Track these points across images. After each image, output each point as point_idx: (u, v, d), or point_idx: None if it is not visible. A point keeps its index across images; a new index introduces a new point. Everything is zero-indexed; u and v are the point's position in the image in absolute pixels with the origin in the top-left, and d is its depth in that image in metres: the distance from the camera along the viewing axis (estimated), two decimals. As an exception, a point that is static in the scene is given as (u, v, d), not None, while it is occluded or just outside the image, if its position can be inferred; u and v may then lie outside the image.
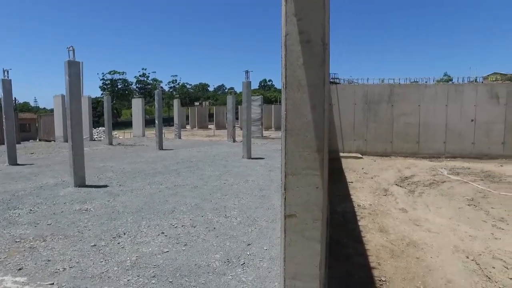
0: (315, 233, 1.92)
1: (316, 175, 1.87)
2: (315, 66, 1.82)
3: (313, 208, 1.90)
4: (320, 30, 1.82)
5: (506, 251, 4.13)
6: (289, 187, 1.92)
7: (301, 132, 1.86)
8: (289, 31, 1.86)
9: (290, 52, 1.86)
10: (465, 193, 7.01)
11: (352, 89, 12.92)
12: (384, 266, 3.75)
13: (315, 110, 1.83)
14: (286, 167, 1.91)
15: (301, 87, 1.85)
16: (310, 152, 1.86)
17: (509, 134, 12.20)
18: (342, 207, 5.90)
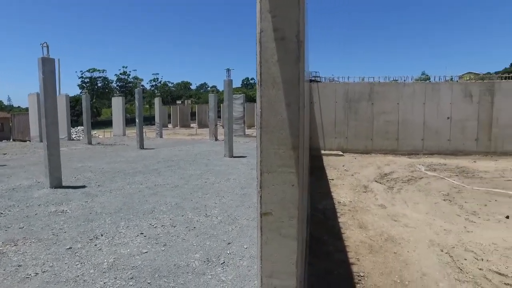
0: (291, 230, 1.92)
1: (291, 172, 1.86)
2: (290, 63, 1.81)
3: (289, 206, 1.90)
4: (295, 27, 1.81)
5: (477, 243, 4.28)
6: (265, 185, 1.91)
7: (276, 129, 1.86)
8: (263, 28, 1.85)
9: (265, 49, 1.85)
10: (441, 188, 7.21)
11: (333, 87, 13.07)
12: (363, 261, 3.81)
13: (290, 107, 1.82)
14: (262, 165, 1.90)
15: (276, 84, 1.84)
16: (285, 149, 1.85)
17: (481, 131, 12.64)
18: (323, 204, 5.96)
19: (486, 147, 12.63)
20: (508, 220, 5.18)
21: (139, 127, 15.18)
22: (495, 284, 3.32)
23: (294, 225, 1.92)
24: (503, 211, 5.57)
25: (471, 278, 3.44)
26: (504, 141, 12.57)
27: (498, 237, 4.47)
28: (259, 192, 1.94)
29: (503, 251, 4.07)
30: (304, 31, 2.00)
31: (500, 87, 12.55)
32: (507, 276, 3.49)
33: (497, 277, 3.46)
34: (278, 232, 1.94)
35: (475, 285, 3.31)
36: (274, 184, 1.90)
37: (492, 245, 4.22)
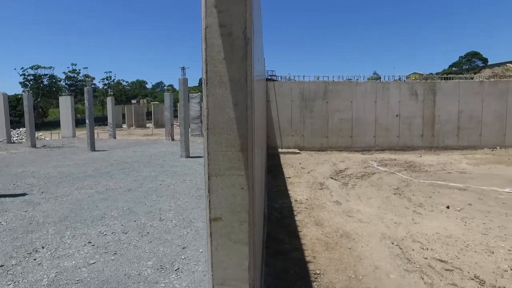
0: (242, 235, 1.85)
1: (241, 175, 1.79)
2: (237, 60, 1.74)
3: (239, 210, 1.82)
4: (242, 23, 1.74)
5: (423, 233, 4.52)
6: (213, 189, 1.82)
7: (223, 130, 1.77)
8: (209, 24, 1.75)
9: (211, 46, 1.75)
10: (391, 183, 7.56)
11: (289, 86, 13.24)
12: (319, 259, 3.85)
13: (238, 107, 1.75)
14: (209, 168, 1.80)
15: (223, 83, 1.76)
16: (234, 151, 1.77)
17: (426, 127, 13.50)
18: (280, 203, 5.98)
19: (430, 142, 13.51)
20: (449, 210, 5.54)
21: (89, 128, 14.34)
22: (437, 271, 3.51)
23: (245, 230, 1.85)
24: (445, 202, 5.95)
25: (417, 267, 3.60)
26: (445, 136, 13.54)
27: (441, 227, 4.75)
28: (208, 197, 1.84)
29: (444, 239, 4.33)
30: (252, 27, 1.93)
31: (441, 86, 13.49)
32: (447, 262, 3.71)
33: (440, 264, 3.66)
34: (228, 238, 1.86)
35: (421, 273, 3.48)
36: (223, 187, 1.82)
37: (435, 235, 4.48)
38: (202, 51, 1.80)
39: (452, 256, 3.88)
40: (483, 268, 3.59)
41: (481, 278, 3.37)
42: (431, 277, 3.40)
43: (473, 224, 4.90)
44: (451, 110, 13.48)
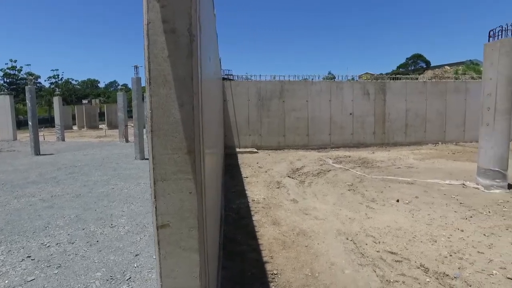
0: (192, 242, 1.76)
1: (188, 179, 1.70)
2: (181, 59, 1.65)
3: (187, 216, 1.74)
4: (187, 19, 1.65)
5: (376, 227, 4.70)
6: (160, 194, 1.72)
7: (169, 132, 1.67)
8: (151, 19, 1.64)
9: (154, 43, 1.64)
10: (346, 179, 7.82)
11: (246, 86, 13.24)
12: (276, 258, 3.85)
13: (184, 107, 1.66)
14: (155, 172, 1.70)
15: (167, 82, 1.66)
16: (180, 154, 1.68)
17: (377, 125, 14.19)
18: (237, 203, 5.93)
19: (381, 139, 14.22)
20: (398, 203, 5.83)
21: (33, 130, 13.29)
22: (388, 263, 3.66)
23: (194, 236, 1.76)
24: (395, 196, 6.26)
25: (370, 261, 3.73)
26: (394, 133, 14.33)
27: (391, 220, 4.98)
28: (154, 203, 1.73)
29: (394, 232, 4.54)
30: (199, 24, 1.85)
31: (390, 86, 14.24)
32: (397, 254, 3.89)
33: (390, 256, 3.83)
34: (177, 245, 1.76)
35: (374, 266, 3.60)
36: (169, 193, 1.72)
37: (386, 228, 4.68)
38: (145, 48, 1.69)
39: (401, 247, 4.07)
40: (427, 256, 3.80)
41: (425, 266, 3.57)
42: (383, 269, 3.53)
43: (419, 215, 5.19)
44: (400, 109, 14.29)
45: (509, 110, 6.64)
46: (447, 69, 35.43)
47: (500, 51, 6.56)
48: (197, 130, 1.72)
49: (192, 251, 1.76)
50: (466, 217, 5.09)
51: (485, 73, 6.93)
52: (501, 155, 6.67)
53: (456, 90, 14.68)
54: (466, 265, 3.59)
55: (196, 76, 1.71)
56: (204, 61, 2.37)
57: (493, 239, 4.24)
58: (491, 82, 6.71)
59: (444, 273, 3.42)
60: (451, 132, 14.72)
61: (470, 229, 4.60)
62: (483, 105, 6.93)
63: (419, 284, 3.25)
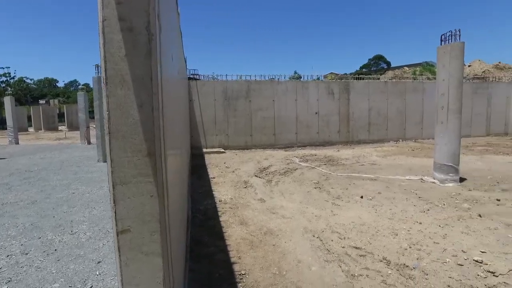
0: (154, 247, 1.71)
1: (149, 182, 1.65)
2: (139, 58, 1.59)
3: (149, 220, 1.69)
4: (144, 17, 1.60)
5: (341, 224, 4.83)
6: (119, 199, 1.65)
7: (128, 134, 1.62)
8: (107, 16, 1.57)
9: (110, 41, 1.58)
10: (312, 177, 7.97)
11: (212, 85, 13.14)
12: (244, 258, 3.85)
13: (143, 108, 1.61)
14: (114, 176, 1.63)
15: (125, 82, 1.60)
16: (140, 156, 1.63)
17: (342, 123, 14.61)
18: (204, 204, 5.86)
19: (346, 137, 14.66)
20: (362, 199, 6.03)
21: (-18, 133, 12.37)
22: (353, 258, 3.77)
23: (157, 241, 1.72)
24: (359, 192, 6.47)
25: (336, 257, 3.83)
26: (358, 131, 14.82)
27: (356, 216, 5.14)
28: (113, 208, 1.66)
29: (359, 227, 4.69)
30: (158, 23, 1.80)
31: (353, 86, 14.71)
32: (361, 248, 4.02)
33: (355, 251, 3.95)
34: (139, 250, 1.71)
35: (339, 262, 3.70)
36: (130, 196, 1.66)
37: (351, 224, 4.83)
38: (100, 47, 1.62)
39: (365, 242, 4.20)
40: (389, 249, 3.96)
41: (388, 259, 3.71)
42: (348, 264, 3.63)
43: (382, 210, 5.39)
44: (363, 108, 14.80)
45: (460, 109, 7.08)
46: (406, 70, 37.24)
47: (450, 54, 6.98)
48: (157, 131, 1.68)
49: (154, 255, 1.71)
50: (424, 210, 5.36)
51: (438, 75, 7.34)
52: (453, 151, 7.10)
53: (414, 90, 15.45)
54: (423, 256, 3.78)
55: (155, 76, 1.66)
56: (165, 60, 2.31)
57: (447, 230, 4.50)
58: (444, 83, 7.12)
59: (404, 265, 3.59)
60: (410, 130, 15.47)
61: (427, 221, 4.85)
62: (437, 105, 7.33)
63: (382, 276, 3.37)
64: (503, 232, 4.41)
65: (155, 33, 1.65)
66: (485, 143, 14.11)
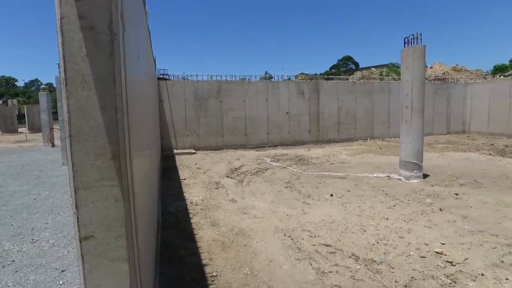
0: (120, 252, 1.66)
1: (114, 185, 1.60)
2: (102, 58, 1.54)
3: (114, 225, 1.63)
4: (106, 16, 1.55)
5: (311, 222, 4.92)
6: (82, 204, 1.59)
7: (90, 137, 1.56)
8: (65, 14, 1.51)
9: (69, 40, 1.51)
10: (283, 177, 8.06)
11: (183, 86, 12.95)
12: (216, 260, 3.82)
13: (106, 110, 1.56)
14: (76, 180, 1.57)
15: (87, 83, 1.54)
16: (104, 160, 1.58)
17: (312, 123, 14.88)
18: (175, 206, 5.76)
19: (316, 136, 14.94)
20: (332, 198, 6.17)
21: None
22: (323, 255, 3.85)
23: (123, 246, 1.66)
24: (329, 191, 6.61)
25: (307, 255, 3.89)
26: (328, 131, 15.16)
27: (326, 214, 5.25)
28: (76, 214, 1.60)
29: (328, 225, 4.79)
30: (122, 22, 1.75)
31: (323, 86, 15.03)
32: (331, 246, 4.11)
33: (325, 249, 4.03)
34: (104, 257, 1.65)
35: (310, 260, 3.76)
36: (93, 201, 1.60)
37: (321, 222, 4.92)
38: (59, 45, 1.54)
39: (335, 239, 4.30)
40: (358, 245, 4.08)
41: (356, 255, 3.82)
42: (318, 262, 3.70)
43: (351, 208, 5.54)
44: (332, 107, 15.15)
45: (423, 109, 7.43)
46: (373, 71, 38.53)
47: (413, 57, 7.30)
48: (122, 133, 1.63)
49: (121, 261, 1.66)
50: (390, 206, 5.56)
51: (402, 76, 7.66)
52: (417, 149, 7.43)
53: (381, 90, 16.01)
54: (390, 250, 3.93)
55: (119, 77, 1.61)
56: (130, 60, 2.25)
57: (411, 224, 4.70)
58: (408, 83, 7.44)
59: (372, 259, 3.71)
60: (378, 129, 16.02)
61: (394, 217, 5.04)
62: (402, 104, 7.64)
63: (351, 272, 3.47)
64: (460, 224, 4.67)
65: (118, 32, 1.61)
66: (445, 141, 14.88)
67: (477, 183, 6.97)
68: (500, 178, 7.33)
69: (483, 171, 8.12)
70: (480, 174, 7.74)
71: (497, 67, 28.70)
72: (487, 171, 8.06)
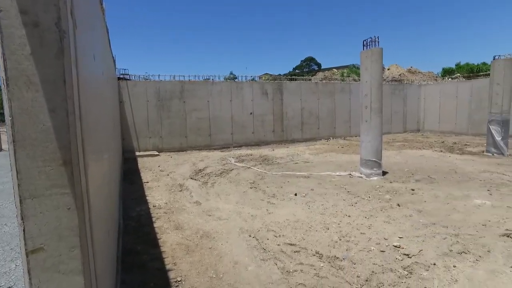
0: (74, 264, 1.56)
1: (65, 193, 1.50)
2: (49, 57, 1.44)
3: (67, 235, 1.53)
4: (53, 11, 1.44)
5: (276, 222, 4.95)
6: (30, 214, 1.47)
7: (38, 142, 1.45)
8: (4, 7, 1.39)
9: (10, 37, 1.39)
10: (248, 177, 8.06)
11: (144, 86, 12.56)
12: (180, 264, 3.73)
13: (56, 113, 1.45)
14: (21, 189, 1.45)
15: (33, 84, 1.43)
16: (54, 166, 1.47)
17: (276, 123, 15.05)
18: (137, 210, 5.57)
19: (280, 136, 15.12)
20: (296, 197, 6.26)
21: None
22: (288, 254, 3.89)
23: (77, 257, 1.57)
24: (293, 190, 6.71)
25: (272, 255, 3.91)
26: (292, 131, 15.41)
27: (290, 213, 5.32)
28: (22, 225, 1.48)
29: (293, 224, 4.85)
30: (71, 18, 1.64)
31: (286, 86, 15.24)
32: (295, 245, 4.16)
33: (290, 248, 4.08)
34: (56, 270, 1.54)
35: (275, 259, 3.78)
36: (42, 211, 1.49)
37: (286, 221, 4.97)
38: (-2, 42, 1.42)
39: (299, 238, 4.36)
40: (321, 243, 4.17)
41: (320, 253, 3.91)
42: (283, 261, 3.73)
43: (314, 206, 5.66)
44: (296, 107, 15.40)
45: (381, 108, 7.76)
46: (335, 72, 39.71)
47: (371, 59, 7.61)
48: (74, 137, 1.53)
49: (74, 273, 1.56)
50: (352, 203, 5.75)
51: (362, 77, 7.95)
52: (376, 148, 7.75)
53: (343, 91, 16.53)
54: (352, 246, 4.05)
55: (70, 77, 1.51)
56: (84, 60, 2.13)
57: (372, 220, 4.89)
58: (367, 84, 7.73)
59: (335, 256, 3.80)
60: (340, 128, 16.52)
61: (355, 213, 5.21)
62: (362, 104, 7.93)
63: (315, 270, 3.53)
64: (416, 218, 4.93)
65: (67, 30, 1.51)
66: (402, 139, 15.67)
67: (430, 178, 7.40)
68: (449, 173, 7.84)
69: (435, 167, 8.64)
70: (433, 170, 8.22)
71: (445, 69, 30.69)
72: (439, 167, 8.59)
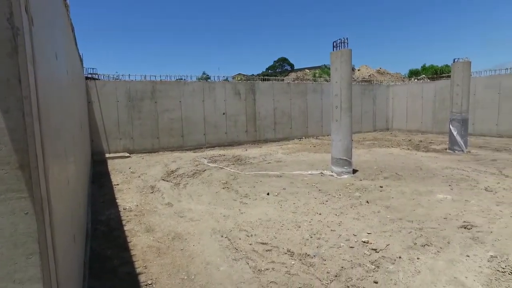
0: (32, 271, 1.50)
1: (22, 198, 1.44)
2: (2, 56, 1.37)
3: (24, 241, 1.47)
4: (5, 7, 1.38)
5: (248, 221, 4.98)
6: (-18, 221, 1.40)
7: (-10, 144, 1.38)
8: None
9: (-45, 33, 1.32)
10: (221, 177, 8.03)
11: (114, 86, 12.19)
12: (151, 267, 3.67)
13: (10, 114, 1.39)
14: (-28, 194, 1.38)
15: (-15, 84, 1.36)
16: (8, 170, 1.41)
17: (249, 123, 15.08)
18: (106, 214, 5.41)
19: (253, 136, 15.17)
20: (268, 196, 6.32)
21: None
22: (260, 254, 3.92)
23: (35, 264, 1.50)
24: (265, 189, 6.75)
25: (244, 254, 3.92)
26: (265, 130, 15.50)
27: (262, 213, 5.35)
28: (-28, 232, 1.40)
29: (265, 223, 4.89)
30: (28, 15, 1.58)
31: (259, 86, 15.31)
32: (267, 244, 4.20)
33: (262, 247, 4.11)
34: (10, 279, 1.47)
35: (247, 259, 3.80)
36: (-3, 217, 1.42)
37: (258, 220, 5.01)
38: None
39: (271, 237, 4.40)
40: (293, 241, 4.23)
41: (291, 251, 3.96)
42: (255, 260, 3.76)
43: (286, 205, 5.73)
44: (268, 107, 15.50)
45: (351, 108, 7.97)
46: (307, 72, 40.26)
47: (341, 59, 7.80)
48: (32, 140, 1.47)
49: (33, 282, 1.50)
50: (323, 201, 5.87)
51: (332, 77, 8.13)
52: (346, 146, 7.96)
53: (314, 91, 16.82)
54: (322, 243, 4.14)
55: (26, 77, 1.45)
56: (44, 59, 2.06)
57: (342, 218, 5.01)
58: (337, 84, 7.92)
59: (306, 254, 3.87)
60: (312, 128, 16.80)
61: (326, 211, 5.33)
62: (332, 104, 8.11)
63: (286, 267, 3.58)
64: (384, 214, 5.11)
65: (22, 27, 1.45)
66: (372, 138, 16.16)
67: (398, 175, 7.69)
68: (415, 170, 8.18)
69: (402, 164, 8.99)
70: (400, 167, 8.55)
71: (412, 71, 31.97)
72: (405, 164, 8.94)
